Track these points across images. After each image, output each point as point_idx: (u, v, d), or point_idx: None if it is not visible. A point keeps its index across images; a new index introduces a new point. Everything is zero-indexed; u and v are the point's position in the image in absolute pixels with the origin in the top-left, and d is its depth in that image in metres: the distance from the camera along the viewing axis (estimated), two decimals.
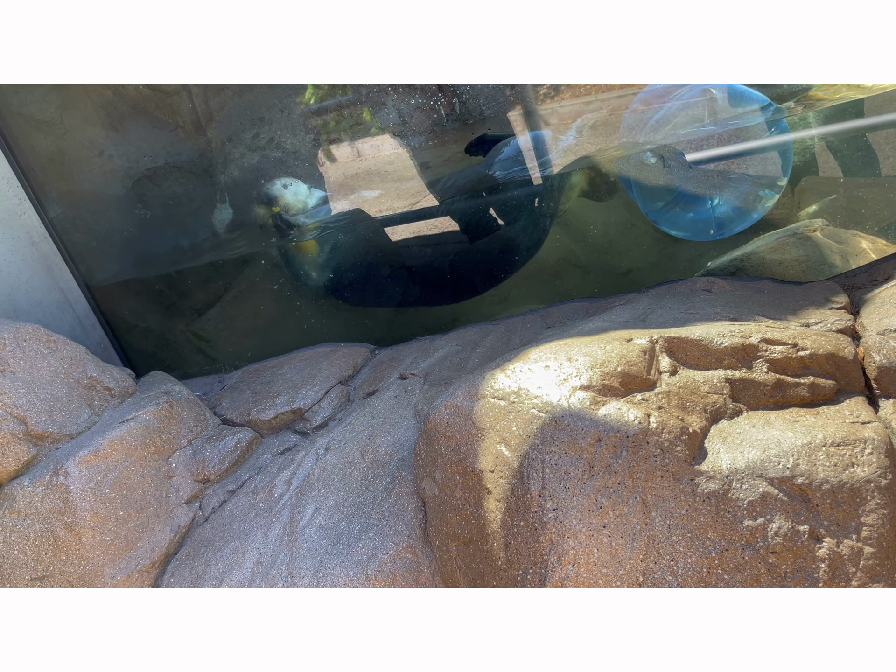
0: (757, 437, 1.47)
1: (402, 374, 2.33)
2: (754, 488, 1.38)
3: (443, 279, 2.94)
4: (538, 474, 1.47)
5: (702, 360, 1.68)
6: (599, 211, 2.87)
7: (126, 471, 2.00)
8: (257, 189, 2.93)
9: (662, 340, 1.70)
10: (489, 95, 3.34)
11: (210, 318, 3.00)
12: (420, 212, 3.15)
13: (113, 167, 2.88)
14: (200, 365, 3.01)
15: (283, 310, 2.96)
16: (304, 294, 2.96)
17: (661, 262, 2.84)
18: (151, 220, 2.95)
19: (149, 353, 3.07)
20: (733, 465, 1.41)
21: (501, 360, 1.82)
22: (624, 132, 2.79)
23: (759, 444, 1.45)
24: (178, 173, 2.94)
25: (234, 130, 2.93)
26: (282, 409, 2.30)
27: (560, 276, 2.89)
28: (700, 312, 1.91)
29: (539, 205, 2.84)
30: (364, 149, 3.84)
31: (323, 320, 2.95)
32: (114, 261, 2.98)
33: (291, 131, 2.91)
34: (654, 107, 2.81)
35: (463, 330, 2.53)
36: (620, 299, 2.28)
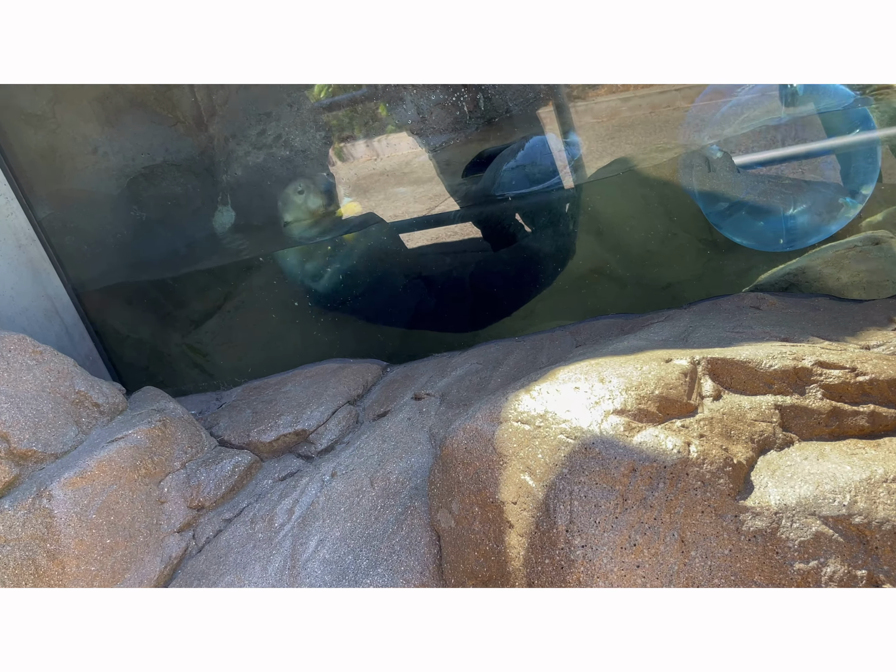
0: (810, 470, 1.47)
1: (417, 395, 2.35)
2: (806, 527, 1.38)
3: (462, 297, 2.96)
4: (566, 507, 1.48)
5: (749, 384, 1.69)
6: (637, 218, 2.89)
7: (114, 495, 2.02)
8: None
9: (705, 362, 1.71)
10: (517, 91, 3.39)
11: (208, 330, 3.04)
12: (439, 217, 3.19)
13: (107, 165, 2.95)
14: (196, 381, 3.06)
15: (288, 322, 3.00)
16: (311, 305, 3.00)
17: (706, 276, 2.85)
18: (147, 223, 3.01)
19: (141, 367, 3.12)
20: (783, 502, 1.41)
21: (526, 379, 1.83)
22: (686, 127, 2.80)
23: (811, 478, 1.44)
24: (177, 172, 3.00)
25: (238, 126, 2.99)
26: (284, 430, 2.33)
27: (592, 289, 2.90)
28: (748, 332, 1.91)
29: (568, 212, 2.87)
30: (380, 148, 3.90)
31: (330, 334, 2.98)
32: (106, 266, 3.04)
33: (301, 128, 2.97)
34: (722, 101, 2.82)
35: (484, 347, 2.55)
36: (659, 316, 2.29)
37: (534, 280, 2.94)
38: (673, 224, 2.87)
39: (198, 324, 3.05)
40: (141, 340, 3.09)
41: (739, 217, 2.69)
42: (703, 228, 2.86)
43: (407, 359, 2.72)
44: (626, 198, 2.90)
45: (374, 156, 3.91)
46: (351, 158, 3.90)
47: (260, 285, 2.98)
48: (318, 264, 2.98)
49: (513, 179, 2.94)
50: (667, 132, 3.53)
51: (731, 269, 2.84)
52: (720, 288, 2.75)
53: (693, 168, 2.70)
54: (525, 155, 2.98)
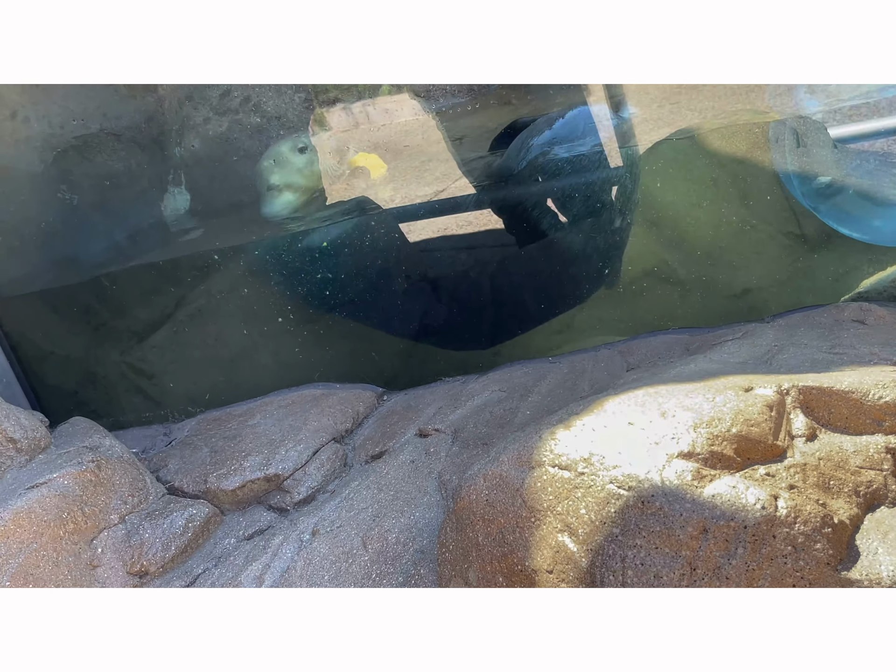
0: None
1: (422, 430, 2.35)
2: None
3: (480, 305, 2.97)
4: (616, 577, 1.47)
5: (852, 420, 1.68)
6: (703, 205, 2.89)
7: (34, 556, 2.02)
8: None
9: (796, 391, 1.71)
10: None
11: (154, 345, 3.05)
12: (450, 202, 3.20)
13: (29, 133, 2.97)
14: (139, 410, 3.06)
15: (257, 334, 3.01)
16: (287, 312, 3.01)
17: (793, 280, 2.84)
18: (79, 208, 3.02)
19: (68, 392, 3.13)
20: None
21: (565, 412, 1.83)
22: (776, 90, 2.80)
23: None
24: (117, 144, 3.02)
25: (194, 86, 3.01)
26: (252, 475, 2.33)
27: (646, 295, 2.90)
28: (849, 352, 1.91)
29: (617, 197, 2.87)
30: (373, 114, 3.92)
31: (312, 350, 2.99)
32: (25, 263, 3.05)
33: (275, 89, 2.99)
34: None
35: (508, 369, 2.55)
36: (735, 331, 2.29)
37: (571, 286, 2.94)
38: (750, 212, 2.86)
39: (141, 337, 3.06)
40: (68, 358, 3.10)
41: (845, 199, 2.67)
42: (789, 219, 2.86)
43: (409, 384, 2.72)
44: (689, 179, 2.90)
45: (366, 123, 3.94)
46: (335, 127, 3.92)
47: (221, 288, 2.98)
48: (293, 257, 2.99)
49: (545, 155, 2.95)
50: (744, 94, 3.55)
51: (826, 272, 2.83)
52: (812, 295, 2.74)
53: (782, 141, 2.70)
54: (563, 125, 2.99)
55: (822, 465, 1.58)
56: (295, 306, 2.99)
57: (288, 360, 3.00)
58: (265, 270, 2.98)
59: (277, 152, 3.00)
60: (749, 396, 1.69)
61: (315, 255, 2.95)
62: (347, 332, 2.99)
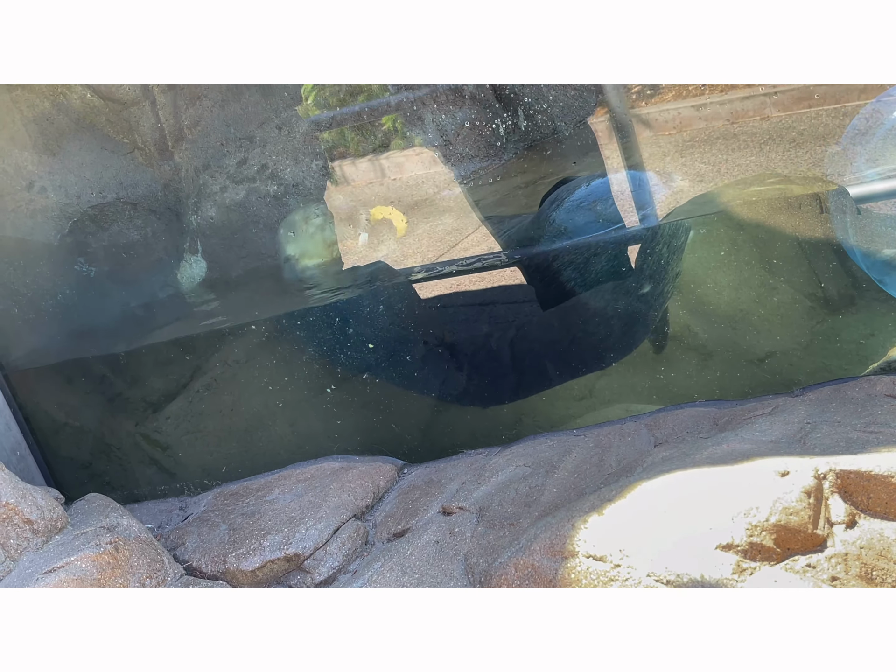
0: None
1: (446, 508, 2.32)
2: None
3: (500, 364, 2.96)
4: None
5: (892, 505, 1.66)
6: (725, 268, 2.88)
7: None
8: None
9: (833, 476, 1.69)
10: (565, 105, 3.43)
11: (170, 416, 3.04)
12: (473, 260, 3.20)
13: (45, 204, 2.99)
14: (154, 482, 3.04)
15: (274, 406, 2.99)
16: (304, 384, 3.00)
17: (817, 344, 2.83)
18: (95, 279, 3.03)
19: (81, 464, 3.11)
20: None
21: (597, 497, 1.81)
22: (834, 153, 2.80)
23: None
24: (134, 213, 3.04)
25: (212, 154, 3.03)
26: (272, 554, 2.29)
27: (670, 361, 2.88)
28: (885, 431, 1.88)
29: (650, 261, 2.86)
30: (387, 167, 3.94)
31: (330, 421, 2.97)
32: (41, 335, 3.05)
33: (292, 156, 3.01)
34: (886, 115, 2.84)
35: (532, 442, 2.53)
36: (764, 405, 2.27)
37: (591, 350, 2.93)
38: (772, 275, 2.86)
39: (156, 407, 3.05)
40: (82, 429, 3.09)
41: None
42: (811, 282, 2.85)
43: (430, 456, 2.70)
44: (709, 241, 2.90)
45: (381, 178, 3.96)
46: (346, 181, 3.94)
47: (238, 358, 2.98)
48: (312, 325, 2.98)
49: (572, 219, 2.96)
50: (756, 149, 3.56)
51: (850, 335, 2.82)
52: (836, 359, 2.72)
53: (842, 211, 2.70)
54: (597, 186, 3.00)
55: (864, 554, 1.56)
56: (313, 375, 2.98)
57: (305, 431, 2.98)
58: (283, 340, 2.98)
59: (292, 222, 3.01)
60: (786, 482, 1.67)
61: (335, 323, 2.95)
62: (366, 402, 2.97)
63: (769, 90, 3.47)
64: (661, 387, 2.85)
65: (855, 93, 3.41)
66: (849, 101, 3.43)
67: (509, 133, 2.96)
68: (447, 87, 2.90)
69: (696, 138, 3.75)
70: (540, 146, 2.99)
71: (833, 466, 1.71)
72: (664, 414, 2.46)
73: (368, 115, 3.18)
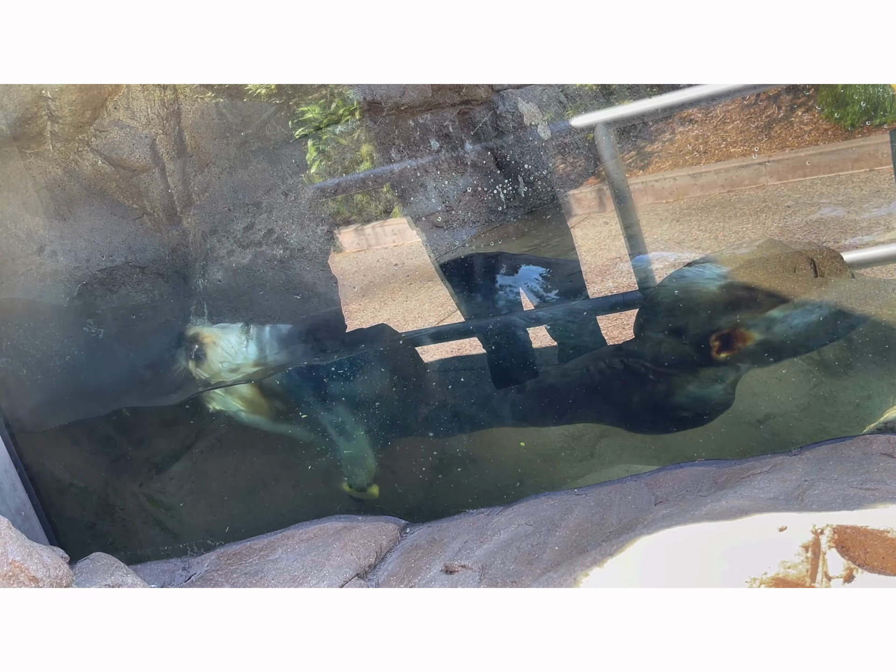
0: None
1: (448, 566, 2.34)
2: None
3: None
4: None
5: (889, 560, 1.68)
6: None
7: None
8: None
9: (830, 530, 1.71)
10: (562, 175, 3.52)
11: (173, 476, 3.07)
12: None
13: (55, 267, 3.05)
14: (157, 543, 3.05)
15: (276, 466, 3.02)
16: (306, 444, 3.03)
17: (814, 406, 2.87)
18: (103, 341, 3.08)
19: (85, 524, 3.12)
20: None
21: (598, 552, 1.83)
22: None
23: None
24: (142, 276, 3.10)
25: (219, 220, 3.11)
26: None
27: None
28: (881, 488, 1.92)
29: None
30: (382, 236, 4.02)
31: (333, 482, 3.00)
32: (48, 396, 3.09)
33: (298, 221, 3.08)
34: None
35: (534, 501, 2.55)
36: (763, 464, 2.30)
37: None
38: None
39: (160, 468, 3.08)
40: (86, 490, 3.11)
41: None
42: None
43: (432, 515, 2.72)
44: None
45: (374, 244, 4.03)
46: (344, 248, 4.01)
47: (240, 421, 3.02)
48: (313, 386, 3.02)
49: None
50: (750, 217, 3.64)
51: (847, 398, 2.86)
52: (833, 421, 2.76)
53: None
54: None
55: None
56: (315, 435, 3.02)
57: (308, 491, 3.01)
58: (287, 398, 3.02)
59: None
60: (784, 537, 1.70)
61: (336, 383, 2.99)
62: (368, 458, 3.00)
63: (765, 160, 3.57)
64: (661, 447, 2.89)
65: (848, 162, 3.51)
66: (842, 170, 3.53)
67: (510, 199, 3.04)
68: (449, 156, 2.99)
69: (694, 206, 3.84)
70: (540, 211, 3.07)
71: (830, 522, 1.73)
72: (664, 473, 2.48)
73: (373, 181, 3.27)
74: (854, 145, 3.44)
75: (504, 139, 2.96)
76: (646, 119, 3.43)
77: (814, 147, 3.53)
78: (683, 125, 3.75)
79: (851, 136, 3.42)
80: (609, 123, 3.05)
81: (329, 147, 3.33)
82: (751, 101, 3.61)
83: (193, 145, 3.09)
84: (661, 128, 3.78)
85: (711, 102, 3.48)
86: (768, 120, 3.58)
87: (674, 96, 2.93)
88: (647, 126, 3.77)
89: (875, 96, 3.16)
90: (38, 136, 2.85)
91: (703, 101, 3.11)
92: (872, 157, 3.43)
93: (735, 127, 3.64)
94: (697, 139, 3.70)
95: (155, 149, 2.98)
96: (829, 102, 3.45)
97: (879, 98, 3.15)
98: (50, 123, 2.83)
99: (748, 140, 3.58)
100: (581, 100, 3.08)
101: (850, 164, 3.50)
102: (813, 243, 2.93)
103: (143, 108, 2.93)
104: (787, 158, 3.56)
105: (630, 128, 3.54)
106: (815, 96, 3.50)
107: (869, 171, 3.47)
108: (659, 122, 3.76)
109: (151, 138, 2.95)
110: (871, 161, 3.44)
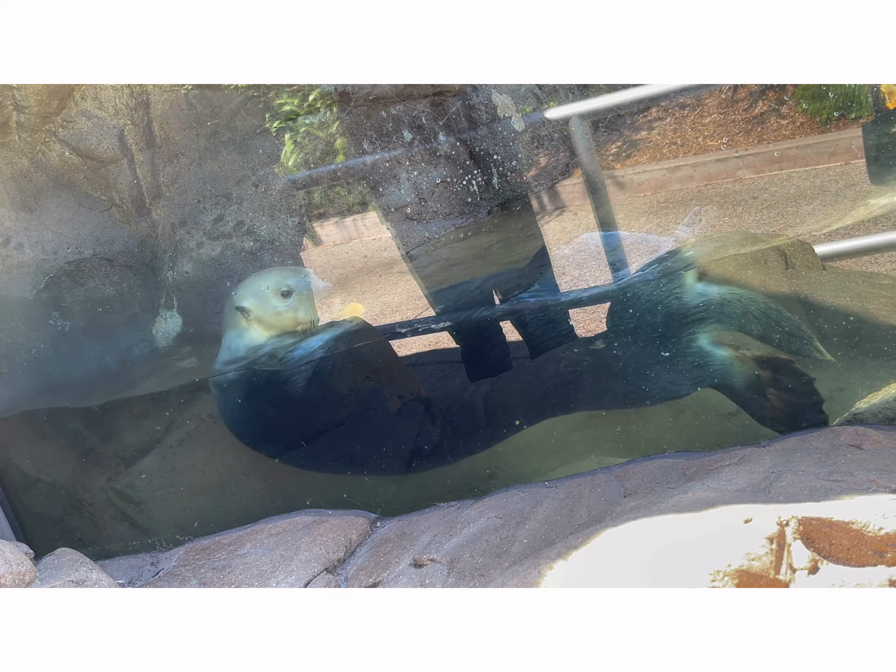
0: None
1: (417, 560, 2.33)
2: None
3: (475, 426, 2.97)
4: None
5: (854, 552, 1.68)
6: None
7: None
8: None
9: (796, 522, 1.71)
10: (542, 169, 3.51)
11: (143, 471, 3.04)
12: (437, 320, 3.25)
13: (21, 260, 3.02)
14: (125, 538, 3.03)
15: (247, 461, 3.01)
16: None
17: None
18: (70, 333, 3.05)
19: (53, 520, 3.10)
20: None
21: (563, 545, 1.83)
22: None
23: None
24: (110, 268, 3.08)
25: (189, 211, 3.09)
26: None
27: (641, 416, 2.92)
28: (847, 480, 1.92)
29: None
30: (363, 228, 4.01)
31: (302, 476, 2.98)
32: (14, 390, 3.06)
33: (268, 213, 3.07)
34: None
35: (504, 494, 2.55)
36: (731, 456, 2.30)
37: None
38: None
39: (129, 462, 3.05)
40: (54, 485, 3.08)
41: None
42: None
43: (403, 509, 2.71)
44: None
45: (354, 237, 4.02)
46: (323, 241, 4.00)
47: (212, 412, 3.00)
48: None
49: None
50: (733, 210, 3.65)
51: (819, 390, 2.86)
52: (805, 414, 2.76)
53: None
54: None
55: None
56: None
57: (278, 486, 2.99)
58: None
59: (257, 289, 2.93)
60: (749, 528, 1.70)
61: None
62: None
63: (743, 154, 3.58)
64: (633, 441, 2.88)
65: (825, 155, 3.53)
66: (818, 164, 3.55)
67: (483, 190, 3.04)
68: (422, 148, 2.98)
69: (672, 199, 3.85)
70: (513, 203, 3.07)
71: (796, 514, 1.73)
72: (634, 465, 2.48)
73: (344, 174, 3.25)
74: (830, 139, 3.45)
75: (477, 131, 2.95)
76: (622, 111, 3.44)
77: (790, 140, 3.54)
78: (661, 118, 3.76)
79: (827, 130, 3.44)
80: (584, 116, 3.04)
81: (305, 140, 3.32)
82: (728, 95, 3.61)
83: (162, 136, 3.06)
84: (637, 121, 3.78)
85: (688, 93, 3.48)
86: (746, 114, 3.59)
87: (650, 88, 2.93)
88: (622, 119, 3.77)
89: (850, 91, 3.17)
90: (3, 126, 2.81)
91: (679, 92, 3.12)
92: (848, 151, 3.45)
93: (713, 120, 3.65)
94: (675, 132, 3.71)
95: (123, 139, 2.95)
96: (805, 97, 3.46)
97: (854, 93, 3.16)
98: (16, 113, 2.80)
99: (725, 134, 3.59)
100: (556, 93, 3.07)
101: (826, 157, 3.51)
102: (784, 235, 2.93)
103: (111, 98, 2.90)
104: (764, 152, 3.57)
105: (606, 120, 3.54)
106: (792, 91, 3.51)
107: (845, 164, 3.49)
108: (635, 115, 3.76)
109: (120, 129, 2.92)
110: (847, 155, 3.46)
